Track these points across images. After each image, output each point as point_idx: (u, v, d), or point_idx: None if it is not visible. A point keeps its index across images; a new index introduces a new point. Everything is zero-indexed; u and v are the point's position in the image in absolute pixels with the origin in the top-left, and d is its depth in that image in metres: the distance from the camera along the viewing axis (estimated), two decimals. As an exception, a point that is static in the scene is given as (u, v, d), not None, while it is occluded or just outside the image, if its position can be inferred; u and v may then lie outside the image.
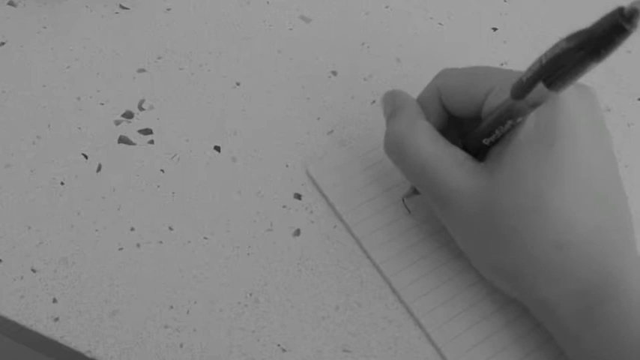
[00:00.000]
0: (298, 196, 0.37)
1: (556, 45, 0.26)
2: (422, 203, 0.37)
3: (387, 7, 0.46)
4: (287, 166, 0.38)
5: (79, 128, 0.38)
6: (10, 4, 0.43)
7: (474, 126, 0.32)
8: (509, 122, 0.30)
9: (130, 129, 0.39)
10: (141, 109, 0.39)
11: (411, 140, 0.32)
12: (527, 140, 0.29)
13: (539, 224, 0.29)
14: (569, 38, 0.25)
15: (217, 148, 0.38)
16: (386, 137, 0.33)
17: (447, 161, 0.31)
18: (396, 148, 0.33)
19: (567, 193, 0.28)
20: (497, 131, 0.30)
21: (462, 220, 0.31)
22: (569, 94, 0.29)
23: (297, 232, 0.36)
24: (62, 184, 0.36)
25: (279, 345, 0.33)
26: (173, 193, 0.37)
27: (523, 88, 0.28)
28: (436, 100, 0.34)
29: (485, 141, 0.31)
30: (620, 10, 0.23)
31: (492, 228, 0.30)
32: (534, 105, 0.28)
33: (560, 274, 0.29)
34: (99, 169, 0.37)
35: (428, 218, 0.36)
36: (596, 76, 0.43)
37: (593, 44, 0.24)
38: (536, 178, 0.29)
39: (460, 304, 0.34)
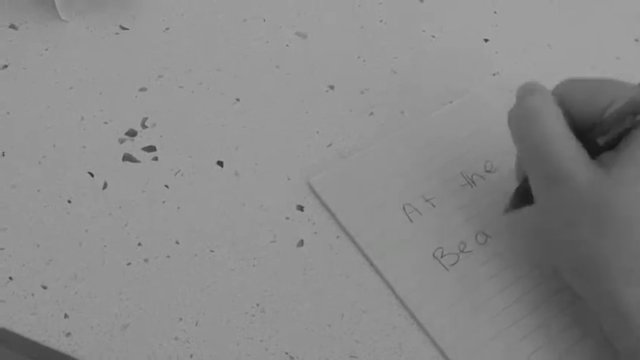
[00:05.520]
0: (301, 208, 0.38)
1: None
2: (424, 210, 0.38)
3: (381, 21, 0.47)
4: (288, 178, 0.39)
5: (84, 147, 0.39)
6: (12, 27, 0.44)
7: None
8: (629, 118, 0.31)
9: (133, 147, 0.39)
10: (144, 127, 0.40)
11: (544, 116, 0.33)
12: None
13: None
14: None
15: (220, 163, 0.39)
16: (516, 109, 0.35)
17: (571, 146, 0.32)
18: (525, 120, 0.34)
19: None
20: (614, 129, 0.31)
21: (566, 203, 0.32)
22: None
23: (301, 243, 0.37)
24: (69, 202, 0.37)
25: (286, 353, 0.33)
26: (178, 207, 0.37)
27: None
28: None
29: (600, 140, 0.32)
30: None
31: (600, 217, 0.30)
32: None
33: None
34: (105, 186, 0.38)
35: (428, 228, 0.37)
36: None
37: None
38: None
39: (464, 308, 0.35)
